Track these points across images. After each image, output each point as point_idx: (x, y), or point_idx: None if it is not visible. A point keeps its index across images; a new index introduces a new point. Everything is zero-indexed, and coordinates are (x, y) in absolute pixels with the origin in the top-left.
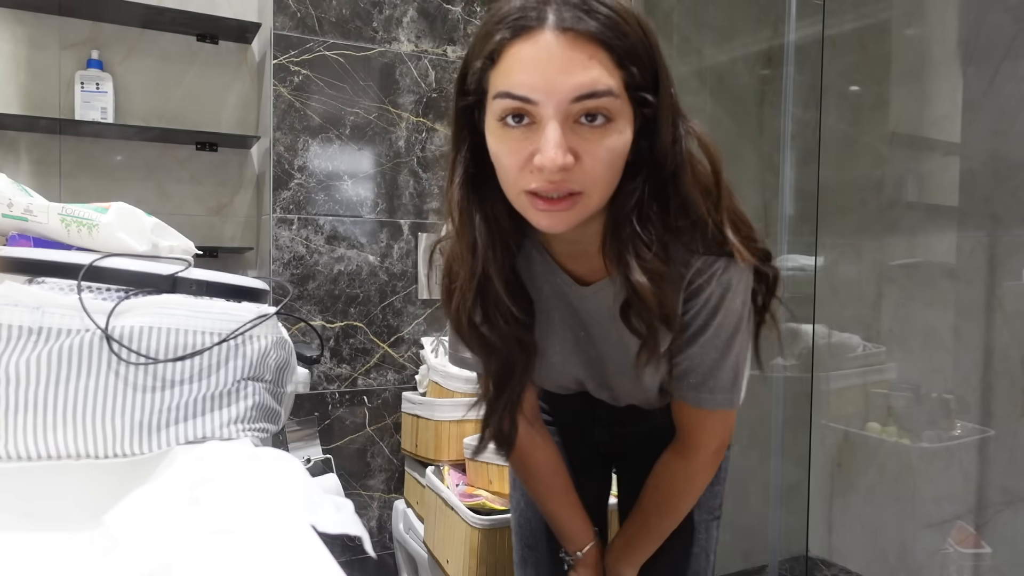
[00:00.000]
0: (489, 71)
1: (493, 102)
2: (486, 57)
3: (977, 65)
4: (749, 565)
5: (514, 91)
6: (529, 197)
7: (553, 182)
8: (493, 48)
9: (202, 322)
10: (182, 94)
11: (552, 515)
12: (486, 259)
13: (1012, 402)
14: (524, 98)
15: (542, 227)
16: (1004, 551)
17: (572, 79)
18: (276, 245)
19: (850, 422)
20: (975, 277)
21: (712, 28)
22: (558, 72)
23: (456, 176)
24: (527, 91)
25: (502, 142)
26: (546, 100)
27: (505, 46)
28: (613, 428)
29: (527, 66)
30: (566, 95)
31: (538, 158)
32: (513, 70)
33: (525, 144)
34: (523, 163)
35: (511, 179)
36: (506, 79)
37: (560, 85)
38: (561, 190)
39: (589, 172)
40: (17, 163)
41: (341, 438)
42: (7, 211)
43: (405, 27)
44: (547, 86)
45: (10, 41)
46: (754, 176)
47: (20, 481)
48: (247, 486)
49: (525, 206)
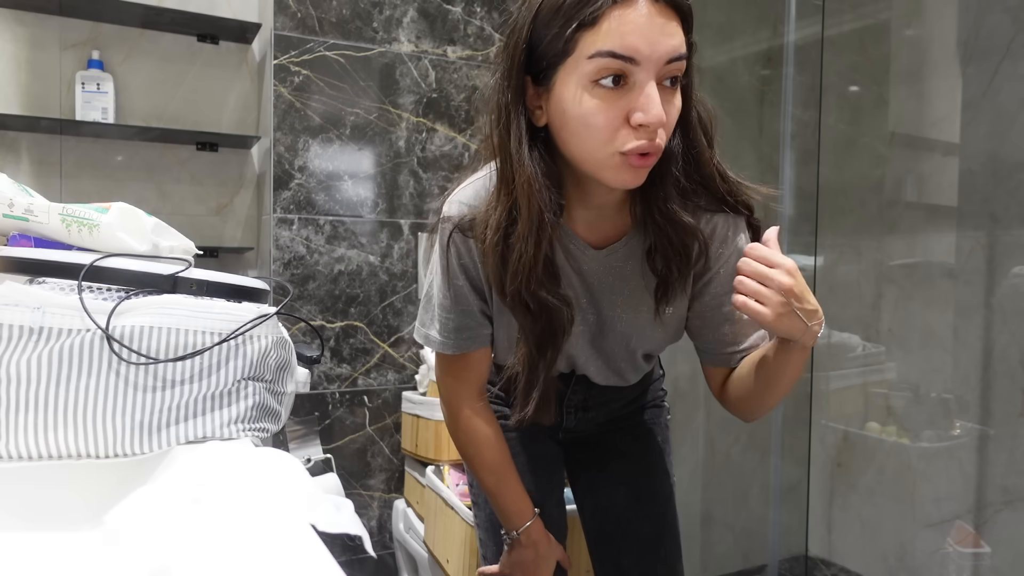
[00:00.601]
0: (583, 33)
1: (587, 62)
2: (581, 21)
3: (976, 65)
4: (749, 565)
5: (619, 51)
6: (625, 156)
7: (650, 138)
8: (595, 11)
9: (202, 322)
10: (182, 94)
11: (494, 491)
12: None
13: (1012, 402)
14: (629, 58)
15: (627, 184)
16: (1004, 551)
17: (668, 43)
18: (276, 245)
19: (850, 422)
20: (974, 277)
21: (712, 28)
22: (658, 35)
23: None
24: (633, 51)
25: (595, 104)
26: (647, 60)
27: (607, 10)
28: (579, 414)
29: (631, 28)
30: (663, 56)
31: (641, 116)
32: (617, 32)
33: (620, 103)
34: (620, 123)
35: (602, 139)
36: (612, 38)
37: (660, 47)
38: (652, 148)
39: (668, 127)
40: (18, 163)
41: (341, 438)
42: (8, 211)
43: (405, 27)
44: (649, 48)
45: (11, 41)
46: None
47: (20, 481)
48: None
49: (616, 165)
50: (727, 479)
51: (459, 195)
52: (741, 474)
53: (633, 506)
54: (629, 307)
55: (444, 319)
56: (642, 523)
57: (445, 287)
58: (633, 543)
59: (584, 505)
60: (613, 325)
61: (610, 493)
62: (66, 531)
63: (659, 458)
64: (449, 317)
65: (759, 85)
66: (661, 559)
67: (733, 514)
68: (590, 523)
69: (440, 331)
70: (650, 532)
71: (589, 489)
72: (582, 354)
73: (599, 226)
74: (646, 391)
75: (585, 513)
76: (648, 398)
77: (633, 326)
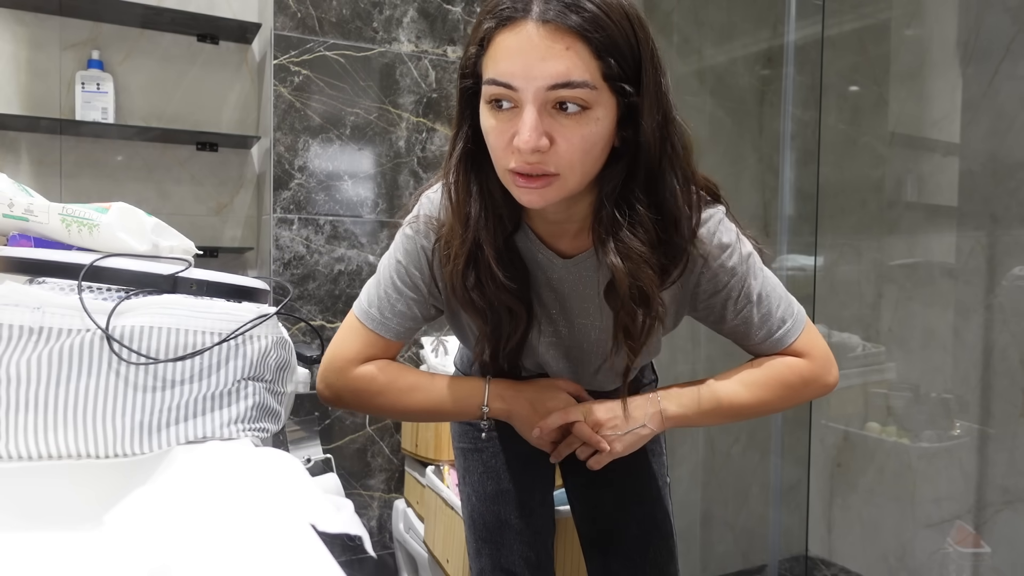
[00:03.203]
0: (481, 57)
1: (485, 87)
2: (477, 44)
3: (976, 65)
4: (749, 565)
5: (498, 78)
6: (511, 175)
7: (529, 163)
8: (483, 36)
9: (202, 322)
10: (182, 94)
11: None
12: (477, 228)
13: (1012, 402)
14: (506, 84)
15: (523, 203)
16: (1004, 551)
17: (548, 68)
18: (276, 245)
19: (850, 422)
20: (974, 277)
21: (712, 28)
22: (536, 61)
23: (456, 152)
24: (508, 78)
25: (491, 123)
26: (525, 86)
27: (492, 34)
28: None
29: (509, 54)
30: (542, 83)
31: (516, 140)
32: (498, 57)
33: (508, 126)
34: (507, 143)
35: (496, 157)
36: (493, 66)
37: (537, 73)
38: (536, 170)
39: (564, 155)
40: (18, 163)
41: (341, 438)
42: (8, 211)
43: (405, 27)
44: (525, 73)
45: (11, 41)
46: (754, 176)
47: (20, 481)
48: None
49: (508, 183)
50: (727, 479)
51: (431, 193)
52: (741, 474)
53: (620, 508)
54: (601, 316)
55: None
56: (629, 525)
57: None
58: (621, 546)
59: (575, 507)
60: (587, 334)
61: (597, 495)
62: (66, 531)
63: (647, 459)
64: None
65: (759, 85)
66: (650, 561)
67: (733, 514)
68: (580, 525)
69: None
70: (637, 534)
71: (578, 491)
72: (553, 363)
73: (563, 239)
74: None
75: (576, 515)
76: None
77: (607, 335)
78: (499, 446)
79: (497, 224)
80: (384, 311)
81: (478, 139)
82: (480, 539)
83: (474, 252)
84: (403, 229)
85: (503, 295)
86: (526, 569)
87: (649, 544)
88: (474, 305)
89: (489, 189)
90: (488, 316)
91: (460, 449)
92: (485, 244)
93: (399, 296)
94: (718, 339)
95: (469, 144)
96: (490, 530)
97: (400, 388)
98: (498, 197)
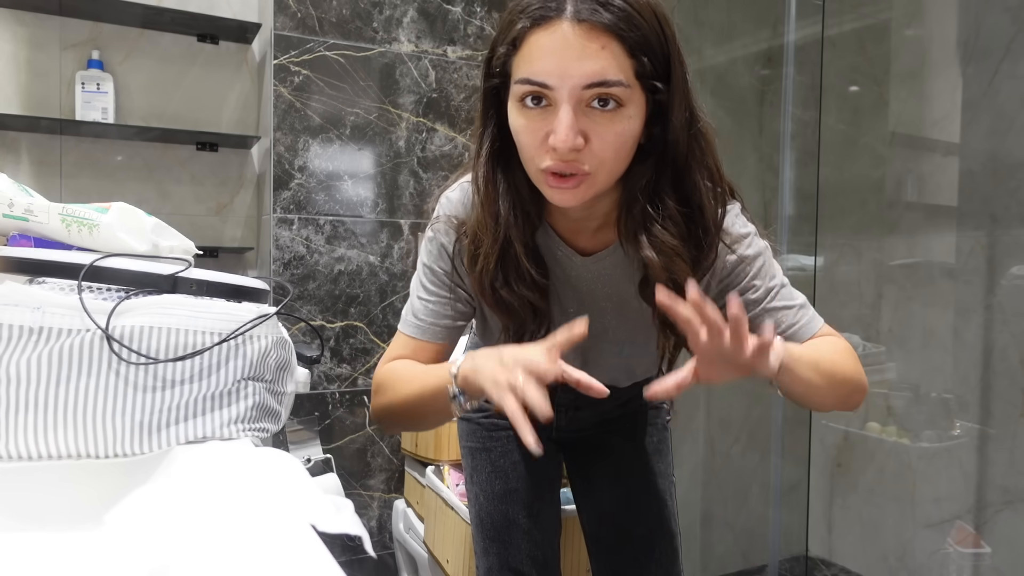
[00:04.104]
0: (512, 57)
1: (515, 86)
2: (509, 43)
3: (976, 65)
4: (749, 565)
5: (533, 77)
6: (544, 174)
7: (565, 161)
8: (515, 35)
9: (202, 322)
10: (182, 94)
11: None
12: (508, 225)
13: (1012, 402)
14: (541, 83)
15: (555, 202)
16: (1004, 551)
17: (584, 67)
18: (276, 245)
19: (850, 422)
20: (974, 277)
21: (712, 28)
22: (573, 60)
23: (483, 150)
24: (544, 77)
25: (522, 122)
26: (560, 85)
27: (526, 34)
28: (571, 413)
29: (545, 53)
30: (579, 81)
31: (552, 138)
32: (532, 57)
33: (542, 124)
34: (540, 142)
35: (528, 156)
36: (526, 66)
37: (573, 72)
38: (571, 169)
39: (597, 153)
40: (18, 163)
41: (341, 438)
42: (8, 211)
43: (405, 27)
44: (562, 72)
45: (11, 41)
46: (754, 176)
47: (20, 481)
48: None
49: (540, 182)
50: (727, 479)
51: (451, 193)
52: (741, 474)
53: (626, 508)
54: (619, 314)
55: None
56: (635, 525)
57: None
58: (627, 545)
59: (581, 506)
60: (604, 332)
61: (603, 494)
62: (66, 531)
63: (653, 458)
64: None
65: (759, 85)
66: (656, 560)
67: (733, 514)
68: (587, 525)
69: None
70: (643, 533)
71: (584, 490)
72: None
73: (583, 236)
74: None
75: (582, 515)
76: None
77: (624, 333)
78: (507, 446)
79: (525, 220)
80: (418, 314)
81: (504, 137)
82: (487, 538)
83: (505, 249)
84: (426, 232)
85: (530, 292)
86: (533, 568)
87: (655, 544)
88: (501, 303)
89: (516, 186)
90: (513, 315)
91: (468, 448)
92: (515, 240)
93: (429, 296)
94: None
95: (496, 143)
96: (498, 529)
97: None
98: (525, 194)
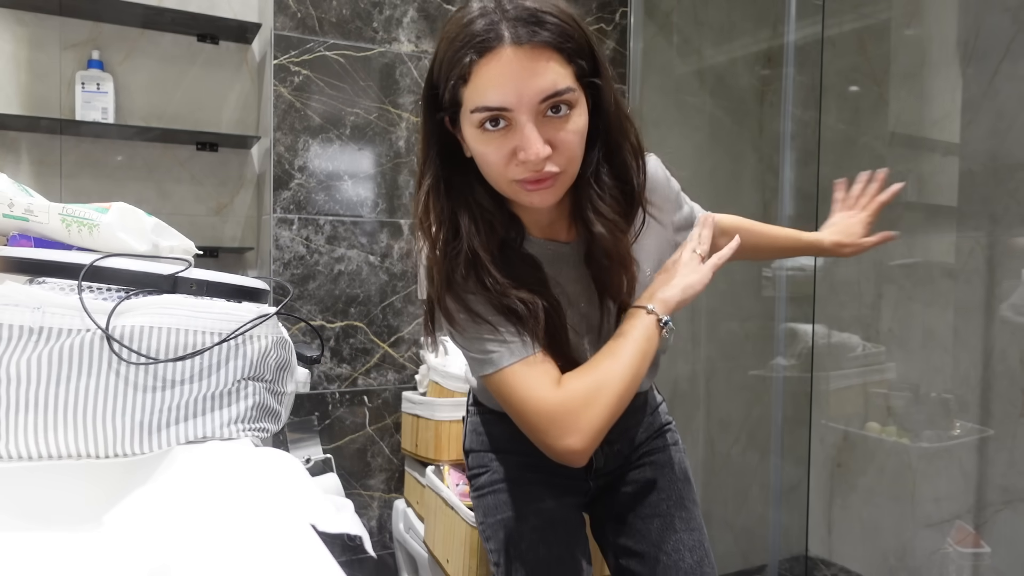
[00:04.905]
0: (461, 88)
1: (471, 115)
2: (458, 77)
3: (976, 65)
4: (749, 565)
5: (490, 104)
6: (518, 183)
7: (536, 169)
8: (463, 70)
9: (202, 322)
10: (182, 94)
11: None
12: (470, 236)
13: (1012, 402)
14: (500, 108)
15: (534, 204)
16: (1003, 551)
17: (537, 84)
18: (276, 245)
19: (850, 422)
20: (974, 277)
21: (712, 28)
22: (525, 80)
23: (426, 178)
24: (501, 102)
25: (485, 145)
26: (518, 106)
27: (473, 66)
28: (605, 448)
29: (497, 81)
30: (534, 98)
31: (522, 155)
32: (485, 86)
33: (505, 142)
34: (507, 158)
35: (498, 172)
36: (480, 95)
37: (527, 91)
38: (544, 175)
39: (564, 154)
40: (18, 163)
41: (341, 438)
42: (8, 211)
43: (405, 27)
44: (516, 94)
45: (11, 41)
46: (754, 176)
47: (20, 481)
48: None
49: (515, 191)
50: (727, 479)
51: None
52: (741, 474)
53: (671, 537)
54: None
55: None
56: (683, 553)
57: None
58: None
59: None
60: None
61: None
62: (66, 531)
63: (687, 486)
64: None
65: (759, 85)
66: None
67: (733, 514)
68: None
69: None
70: (691, 562)
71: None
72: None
73: (556, 227)
74: (656, 411)
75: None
76: (662, 420)
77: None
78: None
79: (488, 231)
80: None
81: (447, 161)
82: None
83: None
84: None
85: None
86: None
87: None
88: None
89: (476, 200)
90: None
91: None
92: (480, 250)
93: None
94: (718, 339)
95: (440, 168)
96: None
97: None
98: (487, 205)
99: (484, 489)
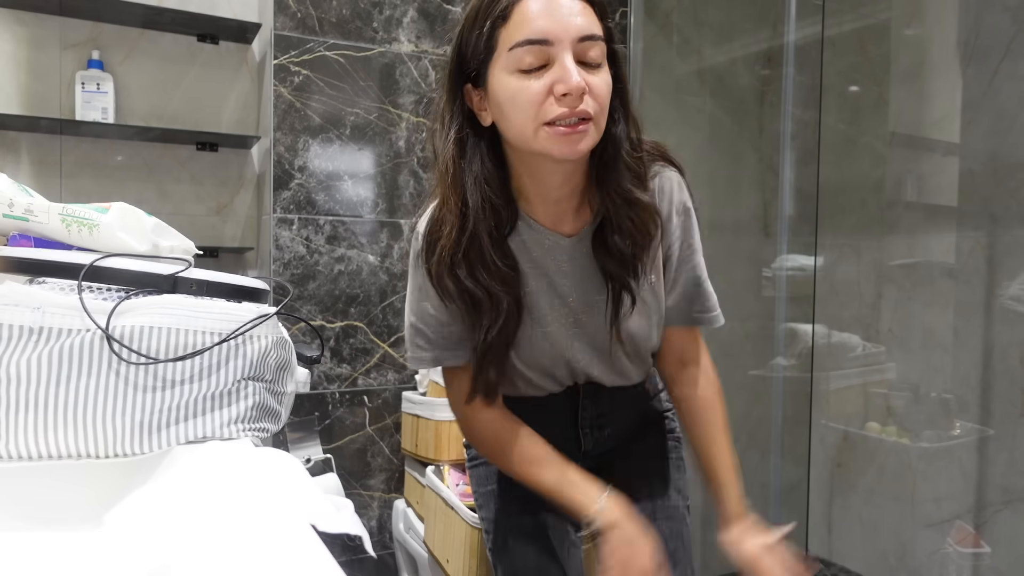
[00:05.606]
0: (499, 29)
1: (508, 54)
2: (497, 17)
3: (976, 65)
4: None
5: (533, 36)
6: (549, 128)
7: (572, 107)
8: (503, 9)
9: (203, 322)
10: (182, 94)
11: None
12: (476, 215)
13: (1012, 402)
14: (543, 40)
15: (563, 154)
16: (1003, 551)
17: (578, 21)
18: (276, 245)
19: (850, 422)
20: (974, 277)
21: (712, 28)
22: (566, 16)
23: (450, 140)
24: (544, 34)
25: (520, 85)
26: (561, 38)
27: (515, 4)
28: (595, 432)
29: (540, 14)
30: (575, 34)
31: (561, 86)
32: (528, 20)
33: (543, 81)
34: (543, 97)
35: (530, 114)
36: (523, 28)
37: (570, 25)
38: (579, 114)
39: (597, 98)
40: (18, 163)
41: (341, 438)
42: (8, 211)
43: (405, 27)
44: (560, 27)
45: (11, 41)
46: (754, 176)
47: (20, 481)
48: (247, 486)
49: (547, 136)
50: None
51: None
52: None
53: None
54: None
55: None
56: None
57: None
58: None
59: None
60: (601, 311)
61: None
62: (66, 531)
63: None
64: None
65: (759, 85)
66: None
67: None
68: None
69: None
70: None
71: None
72: (580, 355)
73: (565, 218)
74: (656, 397)
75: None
76: (661, 408)
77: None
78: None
79: (493, 213)
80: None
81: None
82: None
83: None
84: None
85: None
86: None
87: (676, 563)
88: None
89: (485, 179)
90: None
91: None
92: (482, 232)
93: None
94: (717, 340)
95: (464, 129)
96: None
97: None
98: (494, 186)
99: (477, 460)
